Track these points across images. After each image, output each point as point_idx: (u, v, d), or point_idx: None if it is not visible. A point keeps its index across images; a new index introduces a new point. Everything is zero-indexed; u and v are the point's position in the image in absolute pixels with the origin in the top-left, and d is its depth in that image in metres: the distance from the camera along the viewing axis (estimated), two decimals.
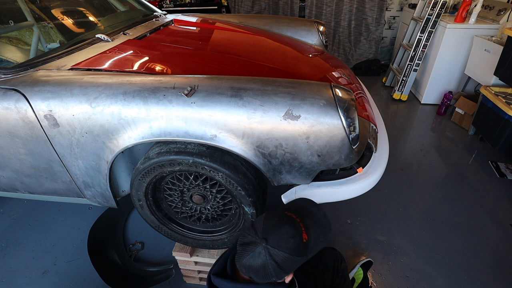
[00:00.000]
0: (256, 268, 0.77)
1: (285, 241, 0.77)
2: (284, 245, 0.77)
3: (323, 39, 2.10)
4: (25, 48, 1.64)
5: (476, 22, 2.83)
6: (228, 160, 1.11)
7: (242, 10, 4.44)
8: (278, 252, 0.76)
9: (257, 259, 0.76)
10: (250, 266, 0.78)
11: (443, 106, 3.10)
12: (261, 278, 0.79)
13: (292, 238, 0.78)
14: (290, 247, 0.77)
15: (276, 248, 0.76)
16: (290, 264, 0.78)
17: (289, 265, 0.78)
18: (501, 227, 1.80)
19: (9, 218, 2.01)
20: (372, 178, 1.16)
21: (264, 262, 0.76)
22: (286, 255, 0.76)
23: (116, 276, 1.60)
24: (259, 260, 0.76)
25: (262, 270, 0.77)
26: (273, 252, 0.76)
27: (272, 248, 0.76)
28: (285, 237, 0.78)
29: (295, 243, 0.78)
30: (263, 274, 0.78)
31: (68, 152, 1.19)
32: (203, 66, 1.42)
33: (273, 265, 0.76)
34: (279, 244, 0.77)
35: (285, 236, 0.78)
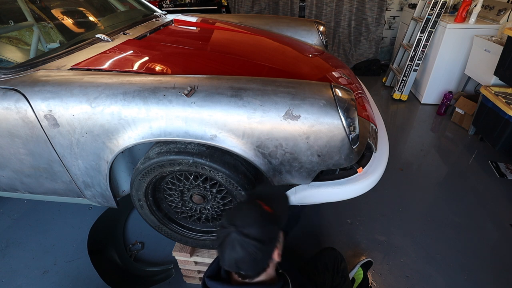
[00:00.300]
0: (242, 258, 0.77)
1: (249, 216, 0.81)
2: (249, 220, 0.80)
3: (323, 39, 2.10)
4: (25, 48, 1.64)
5: (476, 22, 2.83)
6: (228, 160, 1.11)
7: (242, 10, 4.44)
8: (249, 229, 0.78)
9: (236, 247, 0.77)
10: (236, 260, 0.78)
11: (443, 106, 3.10)
12: (252, 265, 0.80)
13: (253, 211, 0.83)
14: (256, 218, 0.81)
15: (245, 227, 0.78)
16: (267, 234, 0.80)
17: (267, 236, 0.80)
18: (501, 227, 1.80)
19: (9, 218, 2.01)
20: (372, 178, 1.16)
21: (243, 246, 0.77)
22: (257, 227, 0.79)
23: (116, 276, 1.60)
24: (238, 247, 0.77)
25: (247, 256, 0.77)
26: (245, 231, 0.77)
27: (242, 228, 0.78)
28: (247, 214, 0.82)
29: (258, 214, 0.82)
30: (251, 260, 0.78)
31: (68, 152, 1.19)
32: (203, 66, 1.42)
33: (253, 244, 0.77)
34: (245, 221, 0.79)
35: (247, 213, 0.82)
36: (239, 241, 0.77)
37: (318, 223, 1.85)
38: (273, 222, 0.83)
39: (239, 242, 0.77)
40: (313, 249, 1.62)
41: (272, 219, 0.84)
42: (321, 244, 1.73)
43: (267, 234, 0.80)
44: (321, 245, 1.72)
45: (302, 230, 1.80)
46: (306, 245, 1.72)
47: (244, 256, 0.77)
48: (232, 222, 0.80)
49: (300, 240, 1.74)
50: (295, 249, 1.69)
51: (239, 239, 0.77)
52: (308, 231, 1.81)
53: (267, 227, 0.80)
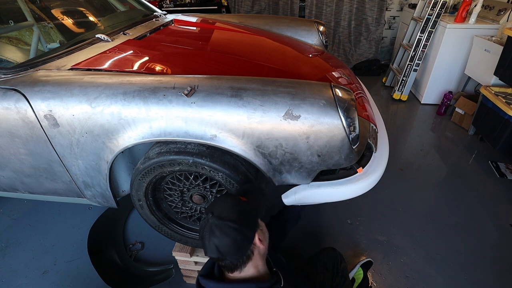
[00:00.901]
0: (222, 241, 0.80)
1: (224, 203, 0.87)
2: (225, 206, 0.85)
3: (323, 39, 2.10)
4: (25, 48, 1.64)
5: (476, 22, 2.83)
6: (228, 160, 1.11)
7: (242, 10, 4.44)
8: (226, 213, 0.83)
9: (215, 231, 0.80)
10: (216, 245, 0.81)
11: (443, 106, 3.10)
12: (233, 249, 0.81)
13: (229, 199, 0.89)
14: (231, 204, 0.86)
15: (222, 212, 0.83)
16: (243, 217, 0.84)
17: (244, 219, 0.84)
18: (501, 227, 1.80)
19: (9, 218, 2.01)
20: (372, 178, 1.16)
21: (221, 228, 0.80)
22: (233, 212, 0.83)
23: (116, 276, 1.60)
24: (217, 231, 0.80)
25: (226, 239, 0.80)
26: (222, 215, 0.82)
27: (218, 213, 0.83)
28: (223, 201, 0.88)
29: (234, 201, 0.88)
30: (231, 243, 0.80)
31: (68, 152, 1.19)
32: (203, 66, 1.42)
33: (230, 225, 0.80)
34: (221, 208, 0.85)
35: (223, 201, 0.89)
36: (217, 224, 0.80)
37: (318, 223, 1.85)
38: (249, 207, 0.88)
39: (217, 225, 0.80)
40: (313, 249, 1.61)
41: (247, 204, 0.89)
42: (321, 244, 1.73)
43: (243, 216, 0.84)
44: (321, 245, 1.72)
45: (302, 230, 1.80)
46: (306, 245, 1.72)
47: (223, 240, 0.80)
48: (209, 210, 0.85)
49: (300, 240, 1.74)
50: (295, 249, 1.69)
51: (217, 222, 0.81)
52: (308, 231, 1.81)
53: (243, 212, 0.85)
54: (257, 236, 0.86)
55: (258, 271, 0.87)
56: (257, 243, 0.86)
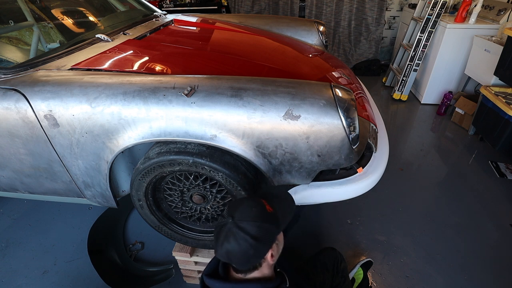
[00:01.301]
0: (233, 250, 0.78)
1: (248, 211, 0.81)
2: (248, 215, 0.80)
3: (323, 39, 2.10)
4: (25, 48, 1.64)
5: (476, 22, 2.83)
6: (228, 160, 1.11)
7: (242, 10, 4.44)
8: (246, 224, 0.78)
9: (230, 237, 0.78)
10: (227, 251, 0.79)
11: (443, 106, 3.10)
12: (242, 261, 0.80)
13: (254, 208, 0.83)
14: (255, 215, 0.81)
15: (242, 220, 0.79)
16: (263, 232, 0.80)
17: (262, 235, 0.79)
18: (501, 227, 1.80)
19: (9, 218, 2.01)
20: (372, 178, 1.16)
21: (236, 238, 0.77)
22: (253, 223, 0.79)
23: (116, 276, 1.60)
24: (231, 239, 0.78)
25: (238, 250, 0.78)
26: (241, 225, 0.78)
27: (239, 221, 0.79)
28: (247, 209, 0.82)
29: (258, 211, 0.82)
30: (241, 255, 0.78)
31: (68, 152, 1.19)
32: (203, 66, 1.42)
33: (246, 238, 0.77)
34: (243, 215, 0.80)
35: (247, 208, 0.83)
36: (233, 232, 0.78)
37: (318, 223, 1.85)
38: (271, 222, 0.83)
39: (233, 233, 0.78)
40: (313, 249, 1.62)
41: (272, 219, 0.83)
42: (321, 244, 1.73)
43: (262, 233, 0.80)
44: (321, 245, 1.72)
45: (302, 230, 1.80)
46: (306, 245, 1.72)
47: (235, 249, 0.78)
48: (231, 213, 0.81)
49: (300, 240, 1.74)
50: (295, 249, 1.69)
51: (234, 230, 0.78)
52: (308, 231, 1.81)
53: (264, 226, 0.80)
54: (270, 252, 0.83)
55: (262, 274, 0.86)
56: (268, 258, 0.84)
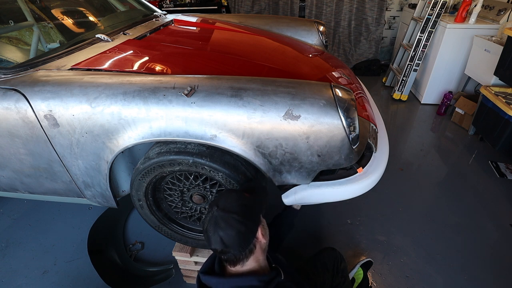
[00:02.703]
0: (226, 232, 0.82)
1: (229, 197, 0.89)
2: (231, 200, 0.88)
3: (323, 39, 2.10)
4: (25, 48, 1.64)
5: (476, 22, 2.83)
6: (228, 160, 1.11)
7: (242, 10, 4.44)
8: (230, 206, 0.85)
9: (220, 222, 0.83)
10: (221, 237, 0.82)
11: (443, 106, 3.10)
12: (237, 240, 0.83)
13: (233, 193, 0.92)
14: (236, 197, 0.89)
15: (226, 205, 0.85)
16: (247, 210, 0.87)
17: (247, 211, 0.87)
18: (501, 227, 1.80)
19: (9, 218, 2.01)
20: (372, 178, 1.16)
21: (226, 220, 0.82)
22: (236, 204, 0.86)
23: (116, 276, 1.60)
24: (221, 222, 0.83)
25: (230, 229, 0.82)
26: (226, 208, 0.84)
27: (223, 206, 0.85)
28: (228, 195, 0.90)
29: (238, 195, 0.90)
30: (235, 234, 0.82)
31: (68, 152, 1.19)
32: (203, 66, 1.42)
33: (234, 217, 0.83)
34: (227, 201, 0.87)
35: (227, 195, 0.91)
36: (222, 217, 0.83)
37: (318, 223, 1.85)
38: (251, 202, 0.90)
39: (222, 217, 0.83)
40: (313, 249, 1.62)
41: (250, 199, 0.91)
42: (321, 244, 1.73)
43: (247, 210, 0.87)
44: (321, 245, 1.72)
45: (302, 230, 1.80)
46: (306, 245, 1.72)
47: (228, 231, 0.82)
48: (214, 204, 0.87)
49: (300, 240, 1.74)
50: (295, 249, 1.69)
51: (222, 214, 0.83)
52: (308, 231, 1.81)
53: (247, 206, 0.87)
54: (260, 231, 0.88)
55: (259, 265, 0.88)
56: (260, 237, 0.87)
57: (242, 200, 0.89)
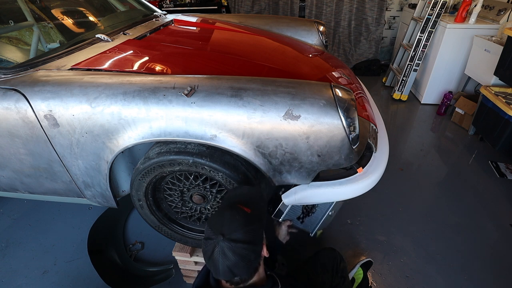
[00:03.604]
0: (235, 263, 0.78)
1: (234, 223, 0.82)
2: (236, 226, 0.81)
3: (323, 39, 2.10)
4: (25, 48, 1.64)
5: (476, 22, 2.83)
6: (228, 160, 1.11)
7: (242, 10, 4.44)
8: (236, 234, 0.79)
9: (228, 254, 0.78)
10: (229, 267, 0.78)
11: (443, 106, 3.10)
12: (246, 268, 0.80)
13: (237, 216, 0.84)
14: (240, 222, 0.82)
15: (232, 233, 0.79)
16: (253, 234, 0.82)
17: (253, 236, 0.82)
18: (501, 227, 1.80)
19: (9, 218, 2.01)
20: (372, 178, 1.16)
21: (234, 251, 0.78)
22: (243, 231, 0.80)
23: (116, 276, 1.60)
24: (230, 254, 0.78)
25: (240, 260, 0.78)
26: (233, 237, 0.79)
27: (229, 235, 0.79)
28: (232, 220, 0.83)
29: (242, 218, 0.83)
30: (245, 263, 0.79)
31: (68, 152, 1.19)
32: (203, 66, 1.42)
33: (243, 247, 0.78)
34: (231, 228, 0.81)
35: (231, 219, 0.83)
36: (229, 247, 0.78)
37: None
38: (255, 222, 0.85)
39: (230, 248, 0.78)
40: (313, 249, 1.61)
41: (254, 219, 0.86)
42: (320, 244, 1.73)
43: (253, 235, 0.82)
44: (321, 245, 1.72)
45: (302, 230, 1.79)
46: (306, 245, 1.72)
47: (237, 261, 0.78)
48: (218, 231, 0.80)
49: (300, 240, 1.74)
50: (295, 249, 1.69)
51: (229, 245, 0.78)
52: None
53: (251, 228, 0.82)
54: (264, 248, 0.85)
55: (258, 277, 0.87)
56: (264, 254, 0.86)
57: (247, 224, 0.82)
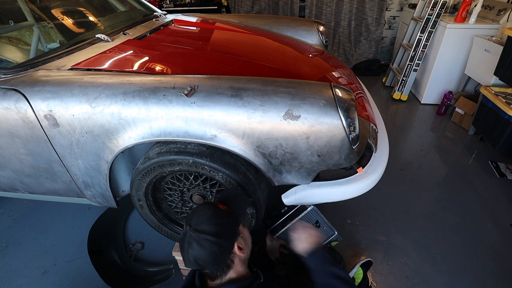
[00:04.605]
0: (199, 254, 0.81)
1: (203, 215, 0.85)
2: (204, 218, 0.84)
3: (323, 39, 2.10)
4: (25, 48, 1.64)
5: (476, 22, 2.83)
6: (228, 160, 1.11)
7: (242, 10, 4.44)
8: (203, 225, 0.82)
9: (193, 243, 0.81)
10: (194, 257, 0.81)
11: (443, 106, 3.10)
12: (211, 261, 0.82)
13: (208, 210, 0.86)
14: (210, 215, 0.85)
15: (199, 224, 0.82)
16: (222, 229, 0.84)
17: (221, 229, 0.83)
18: (501, 227, 1.80)
19: (9, 218, 2.01)
20: (372, 178, 1.16)
21: (198, 242, 0.80)
22: (210, 223, 0.83)
23: (116, 276, 1.60)
24: (194, 244, 0.81)
25: (203, 251, 0.80)
26: (199, 228, 0.82)
27: (196, 225, 0.82)
28: (202, 213, 0.86)
29: (212, 211, 0.86)
30: (208, 255, 0.81)
31: (68, 152, 1.19)
32: (203, 66, 1.42)
33: (207, 238, 0.80)
34: (199, 219, 0.84)
35: (201, 212, 0.86)
36: (194, 238, 0.81)
37: None
38: (228, 218, 0.87)
39: (195, 238, 0.81)
40: None
41: (227, 215, 0.88)
42: None
43: (221, 228, 0.84)
44: None
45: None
46: None
47: (201, 252, 0.80)
48: (187, 222, 0.84)
49: None
50: None
51: (194, 235, 0.81)
52: None
53: (219, 221, 0.84)
54: (236, 245, 0.86)
55: (239, 274, 0.88)
56: (237, 252, 0.86)
57: (216, 218, 0.85)
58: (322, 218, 1.40)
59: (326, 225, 1.40)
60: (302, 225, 1.07)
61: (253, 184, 1.16)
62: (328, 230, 1.40)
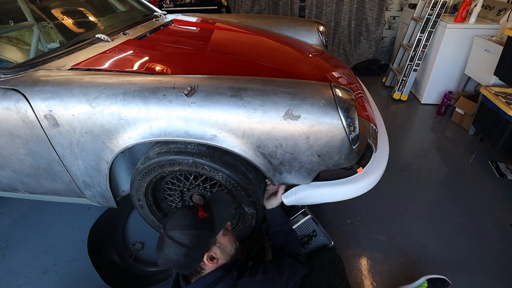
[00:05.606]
0: (167, 258, 0.82)
1: (178, 221, 0.85)
2: (178, 224, 0.84)
3: (323, 39, 2.10)
4: (25, 48, 1.64)
5: (476, 22, 2.83)
6: (228, 160, 1.11)
7: (242, 10, 4.44)
8: (175, 233, 0.82)
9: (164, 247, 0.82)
10: (163, 259, 0.83)
11: (443, 106, 3.10)
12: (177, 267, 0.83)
13: (184, 217, 0.86)
14: (184, 223, 0.84)
15: (172, 230, 0.82)
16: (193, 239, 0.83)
17: (192, 241, 0.82)
18: (501, 227, 1.80)
19: (9, 218, 2.01)
20: (372, 178, 1.16)
21: (168, 247, 0.81)
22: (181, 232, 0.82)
23: (116, 276, 1.60)
24: (164, 248, 0.82)
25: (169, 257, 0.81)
26: (170, 234, 0.82)
27: (168, 231, 0.82)
28: (178, 218, 0.86)
29: (188, 219, 0.85)
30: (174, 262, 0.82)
31: (68, 152, 1.19)
32: (203, 66, 1.42)
33: (175, 246, 0.81)
34: (173, 225, 0.84)
35: (178, 217, 0.86)
36: (164, 242, 0.82)
37: None
38: (203, 228, 0.86)
39: (165, 243, 0.82)
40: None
41: (204, 225, 0.87)
42: None
43: (193, 240, 0.83)
44: None
45: None
46: None
47: (169, 257, 0.82)
48: (165, 222, 0.85)
49: None
50: None
51: (165, 240, 0.82)
52: None
53: (194, 233, 0.83)
54: (207, 256, 0.86)
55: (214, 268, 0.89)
56: (206, 263, 0.86)
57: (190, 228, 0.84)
58: (319, 227, 1.41)
59: (322, 235, 1.41)
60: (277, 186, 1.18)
61: (253, 184, 1.16)
62: (324, 240, 1.41)
